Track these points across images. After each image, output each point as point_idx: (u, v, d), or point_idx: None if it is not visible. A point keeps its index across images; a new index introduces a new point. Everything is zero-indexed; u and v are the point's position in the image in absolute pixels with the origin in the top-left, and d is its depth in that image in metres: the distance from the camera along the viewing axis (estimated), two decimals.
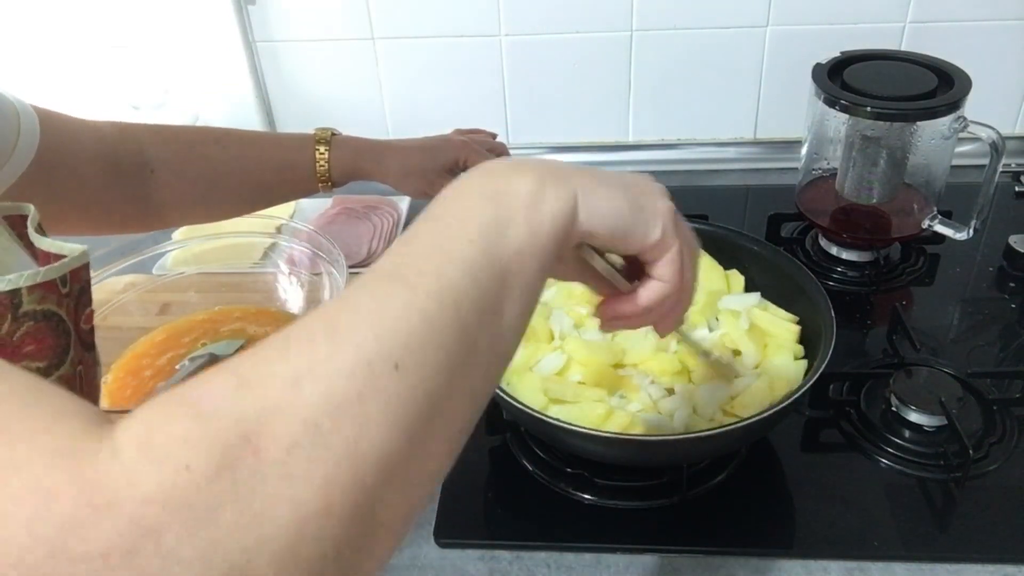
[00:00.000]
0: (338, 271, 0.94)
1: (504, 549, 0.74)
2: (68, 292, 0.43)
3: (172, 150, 0.81)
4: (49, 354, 0.42)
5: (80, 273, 0.44)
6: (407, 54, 1.27)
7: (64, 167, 0.71)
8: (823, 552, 0.72)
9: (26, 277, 0.40)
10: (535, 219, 0.41)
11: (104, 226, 0.81)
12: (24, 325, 0.40)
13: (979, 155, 0.99)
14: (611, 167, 1.30)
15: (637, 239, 0.47)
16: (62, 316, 0.42)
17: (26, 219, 0.47)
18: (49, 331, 0.42)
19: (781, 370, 0.79)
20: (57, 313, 0.42)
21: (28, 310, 0.40)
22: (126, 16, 1.26)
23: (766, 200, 1.21)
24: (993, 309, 1.01)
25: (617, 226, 0.46)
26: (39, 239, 0.46)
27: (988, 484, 0.76)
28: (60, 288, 0.42)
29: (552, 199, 0.42)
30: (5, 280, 0.39)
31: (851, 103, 0.95)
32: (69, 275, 0.43)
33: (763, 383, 0.77)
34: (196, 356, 0.88)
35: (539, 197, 0.42)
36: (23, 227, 0.48)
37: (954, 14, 1.17)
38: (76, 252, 0.43)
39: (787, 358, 0.81)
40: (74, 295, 0.43)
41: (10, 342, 0.40)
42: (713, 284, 0.88)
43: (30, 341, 0.41)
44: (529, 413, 0.71)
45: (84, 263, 0.44)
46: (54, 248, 0.44)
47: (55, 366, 0.42)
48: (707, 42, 1.22)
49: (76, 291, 0.44)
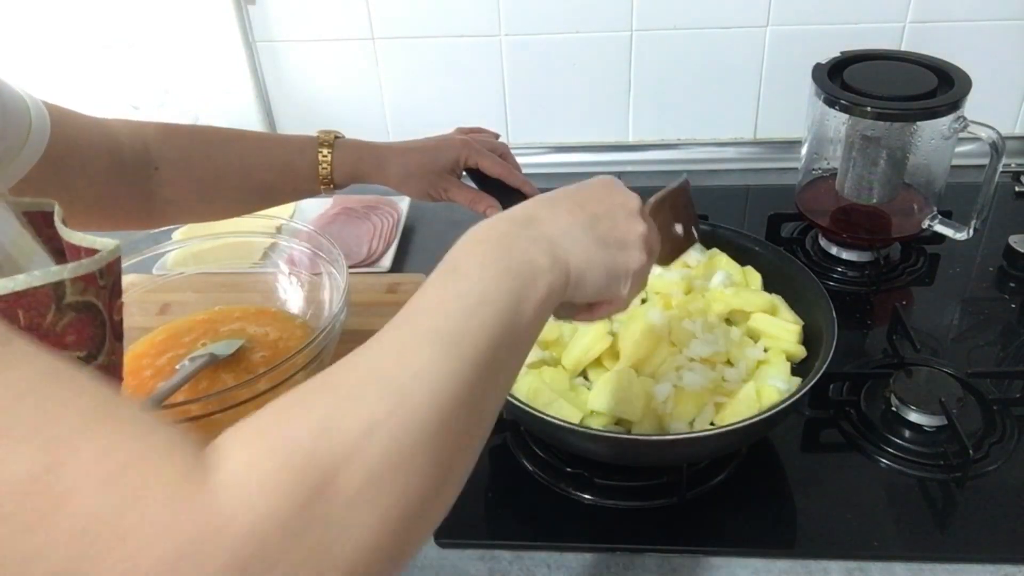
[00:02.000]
0: (338, 271, 0.94)
1: (504, 549, 0.74)
2: (104, 284, 0.44)
3: (177, 148, 0.81)
4: (89, 344, 0.43)
5: (114, 266, 0.46)
6: (407, 54, 1.27)
7: (72, 162, 0.72)
8: (823, 552, 0.72)
9: (70, 269, 0.41)
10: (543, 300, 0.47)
11: (107, 222, 0.81)
12: (67, 316, 0.41)
13: (979, 155, 0.99)
14: (611, 167, 1.30)
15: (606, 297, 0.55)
16: (99, 307, 0.44)
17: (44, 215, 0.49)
18: (89, 322, 0.43)
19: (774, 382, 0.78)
20: (95, 304, 0.43)
21: (71, 301, 0.41)
22: (127, 16, 1.26)
23: (766, 200, 1.21)
24: (993, 309, 1.01)
25: (593, 295, 0.53)
26: (69, 233, 0.47)
27: (988, 484, 0.76)
28: (98, 280, 0.44)
29: (556, 282, 0.49)
30: (51, 271, 0.40)
31: (851, 103, 0.95)
32: (105, 268, 0.44)
33: (749, 393, 0.77)
34: (196, 356, 0.88)
35: (548, 279, 0.48)
36: (40, 223, 0.49)
37: (954, 14, 1.17)
38: (111, 246, 0.45)
39: (782, 370, 0.80)
40: (108, 287, 0.45)
41: (53, 332, 0.41)
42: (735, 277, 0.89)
43: (72, 331, 0.42)
44: (529, 413, 0.71)
45: (117, 256, 0.46)
46: (85, 242, 0.46)
47: (93, 356, 0.43)
48: (707, 42, 1.22)
49: (111, 283, 0.45)
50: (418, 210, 1.21)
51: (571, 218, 0.52)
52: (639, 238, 0.55)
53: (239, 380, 0.82)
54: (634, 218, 0.55)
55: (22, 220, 0.48)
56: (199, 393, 0.83)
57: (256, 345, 0.94)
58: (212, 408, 0.77)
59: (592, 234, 0.52)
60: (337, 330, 0.88)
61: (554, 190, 0.55)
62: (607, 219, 0.54)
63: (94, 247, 0.45)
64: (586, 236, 0.52)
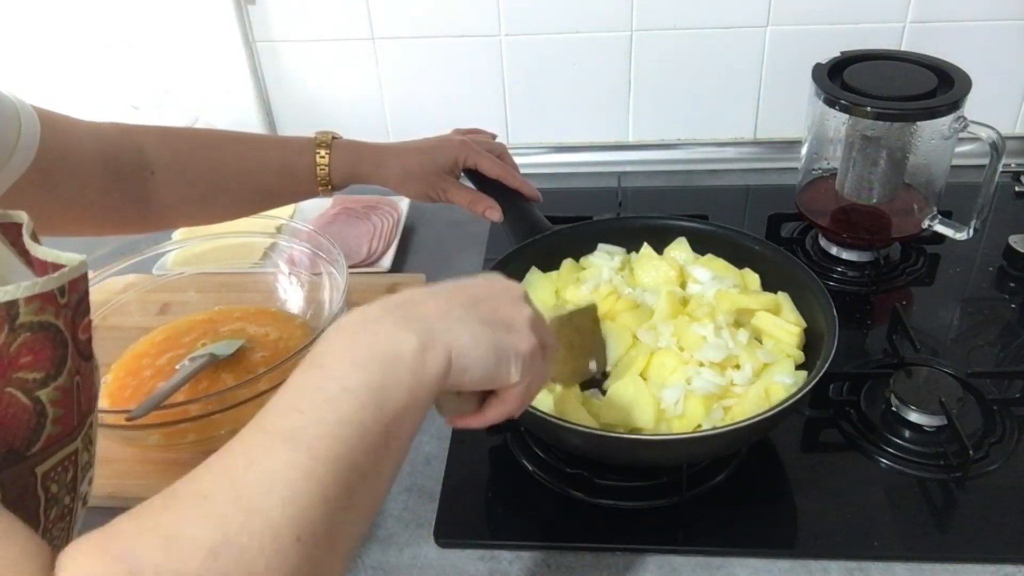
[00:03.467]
0: (338, 271, 0.94)
1: (504, 549, 0.74)
2: (66, 302, 0.42)
3: (172, 151, 0.81)
4: (47, 365, 0.41)
5: (78, 283, 0.43)
6: (407, 54, 1.27)
7: (64, 168, 0.71)
8: (823, 552, 0.72)
9: (23, 288, 0.39)
10: (417, 385, 0.44)
11: (104, 227, 0.81)
12: (20, 336, 0.40)
13: (979, 155, 0.99)
14: (611, 167, 1.30)
15: (499, 382, 0.50)
16: (60, 327, 0.42)
17: (20, 227, 0.46)
18: (47, 342, 0.41)
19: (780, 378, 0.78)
20: (55, 324, 0.41)
21: (25, 321, 0.40)
22: (126, 16, 1.26)
23: (766, 200, 1.21)
24: (993, 309, 1.01)
25: (484, 375, 0.49)
26: (35, 247, 0.44)
27: (988, 484, 0.76)
28: (58, 299, 0.41)
29: (432, 364, 0.45)
30: (2, 291, 0.39)
31: (851, 103, 0.95)
32: (67, 285, 0.42)
33: (759, 392, 0.77)
34: (196, 356, 0.88)
35: (420, 362, 0.45)
36: (17, 235, 0.46)
37: (954, 14, 1.17)
38: (75, 262, 0.43)
39: (787, 366, 0.80)
40: (72, 305, 0.43)
41: (6, 354, 0.39)
42: (735, 281, 0.89)
43: (27, 352, 0.40)
44: (529, 413, 0.71)
45: (83, 273, 0.44)
46: (51, 257, 0.43)
47: (52, 377, 0.41)
48: (707, 42, 1.22)
49: (74, 301, 0.43)
50: (418, 210, 1.21)
51: (449, 298, 0.49)
52: (526, 320, 0.51)
53: (239, 380, 0.82)
54: (519, 302, 0.52)
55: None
56: (199, 393, 0.83)
57: (256, 345, 0.94)
58: (212, 408, 0.77)
59: (474, 313, 0.49)
60: None
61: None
62: (490, 301, 0.51)
63: (59, 262, 0.43)
64: (468, 315, 0.49)
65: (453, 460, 0.83)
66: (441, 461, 0.83)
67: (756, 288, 0.89)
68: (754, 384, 0.77)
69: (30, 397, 0.40)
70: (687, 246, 0.93)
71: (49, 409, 0.41)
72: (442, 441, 0.85)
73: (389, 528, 0.77)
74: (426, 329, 0.46)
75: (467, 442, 0.84)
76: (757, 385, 0.77)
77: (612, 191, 1.22)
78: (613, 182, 1.24)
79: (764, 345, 0.83)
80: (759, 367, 0.80)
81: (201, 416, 0.77)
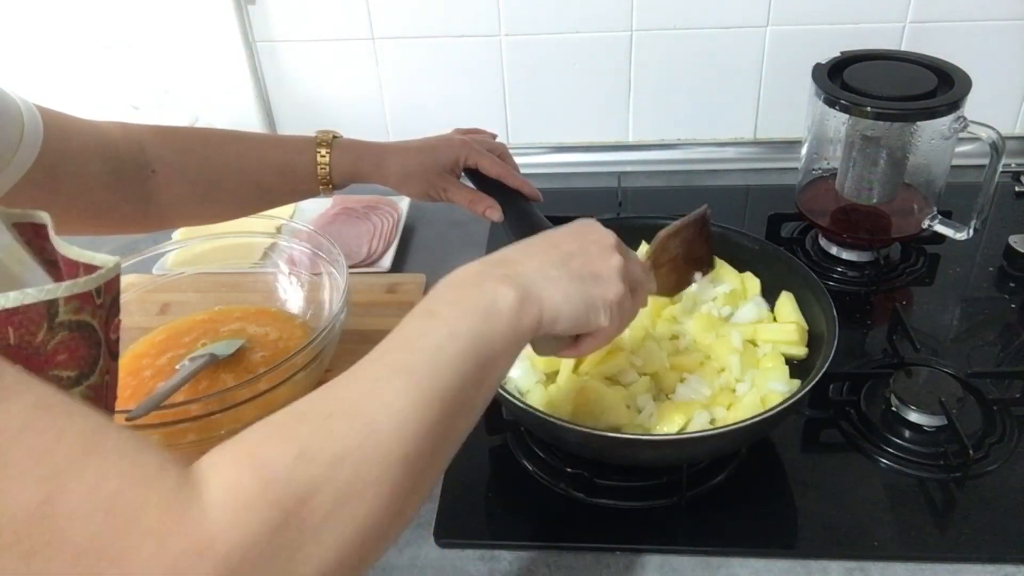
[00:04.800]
0: (338, 271, 0.94)
1: (504, 549, 0.74)
2: (102, 303, 0.43)
3: (173, 151, 0.81)
4: (81, 364, 0.42)
5: (113, 284, 0.45)
6: (407, 54, 1.27)
7: (67, 167, 0.71)
8: (823, 552, 0.72)
9: (64, 288, 0.40)
10: (513, 334, 0.51)
11: (105, 226, 0.81)
12: (59, 335, 0.41)
13: (979, 155, 0.99)
14: (611, 167, 1.30)
15: (588, 329, 0.58)
16: (95, 327, 0.43)
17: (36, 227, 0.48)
18: (82, 341, 0.42)
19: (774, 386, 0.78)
20: (91, 323, 0.43)
21: (63, 320, 0.41)
22: (126, 16, 1.26)
23: (766, 200, 1.21)
24: (993, 309, 1.01)
25: (574, 323, 0.55)
26: (66, 247, 0.45)
27: (988, 484, 0.76)
28: (95, 299, 0.43)
29: (528, 316, 0.52)
30: (44, 290, 0.40)
31: (851, 103, 0.95)
32: (103, 286, 0.43)
33: (754, 400, 0.77)
34: (196, 356, 0.88)
35: (518, 315, 0.51)
36: (31, 235, 0.47)
37: (954, 14, 1.17)
38: (111, 263, 0.44)
39: (781, 374, 0.80)
40: (107, 305, 0.44)
41: (44, 351, 0.40)
42: (733, 286, 0.89)
43: (63, 351, 0.41)
44: (529, 412, 0.71)
45: (117, 274, 0.45)
46: (84, 258, 0.44)
47: (85, 375, 0.43)
48: (707, 42, 1.22)
49: (108, 301, 0.44)
50: (418, 210, 1.21)
51: (544, 257, 0.56)
52: (614, 270, 0.57)
53: (239, 380, 0.82)
54: (608, 252, 0.58)
55: (12, 232, 0.47)
56: (199, 393, 0.83)
57: (256, 345, 0.94)
58: (212, 408, 0.77)
59: (565, 269, 0.55)
60: (337, 330, 0.88)
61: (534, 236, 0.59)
62: (580, 255, 0.57)
63: (93, 263, 0.44)
64: (559, 272, 0.55)
65: (453, 460, 0.82)
66: None
67: (756, 293, 0.89)
68: (749, 392, 0.78)
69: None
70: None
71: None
72: None
73: None
74: (523, 286, 0.52)
75: (467, 442, 0.84)
76: (752, 392, 0.77)
77: (612, 191, 1.22)
78: (613, 182, 1.25)
79: (759, 348, 0.83)
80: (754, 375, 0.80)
81: (201, 416, 0.77)
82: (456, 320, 0.49)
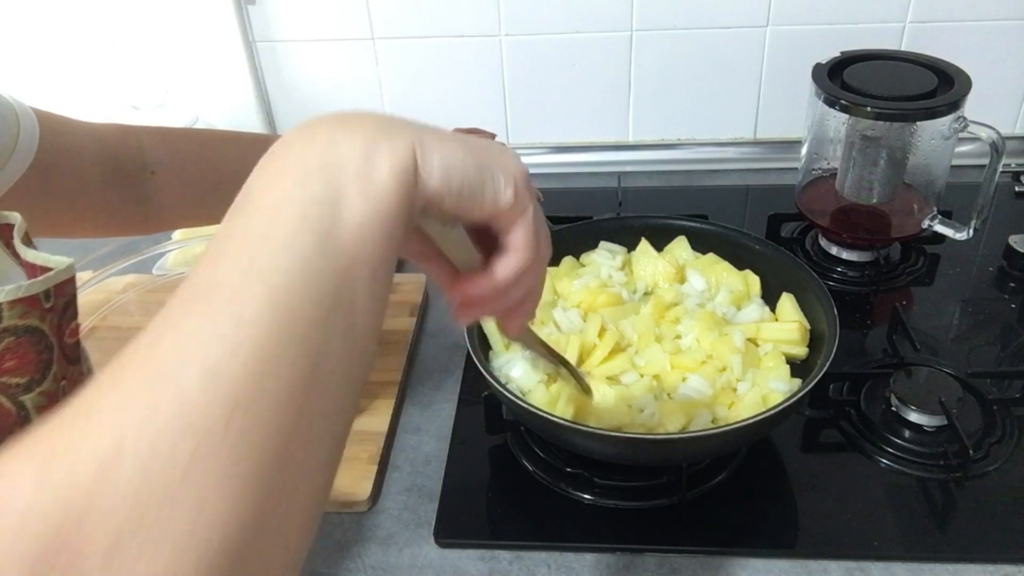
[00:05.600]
0: None
1: (504, 549, 0.74)
2: (52, 306, 0.41)
3: (172, 151, 0.81)
4: (31, 370, 0.40)
5: (65, 287, 0.42)
6: (407, 54, 1.27)
7: (63, 169, 0.71)
8: (823, 552, 0.72)
9: (6, 292, 0.39)
10: (372, 186, 0.34)
11: (104, 228, 0.81)
12: (4, 341, 0.39)
13: (979, 155, 0.99)
14: (611, 167, 1.30)
15: (488, 200, 0.39)
16: (45, 331, 0.41)
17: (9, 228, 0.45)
18: (31, 346, 0.40)
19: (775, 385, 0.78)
20: (40, 328, 0.40)
21: (8, 325, 0.39)
22: (126, 16, 1.26)
23: (766, 200, 1.21)
24: (993, 309, 1.01)
25: (464, 183, 0.38)
26: (24, 250, 0.44)
27: (988, 484, 0.76)
28: (43, 303, 0.41)
29: (388, 156, 0.35)
30: None
31: (851, 103, 0.95)
32: (53, 289, 0.41)
33: (755, 398, 0.77)
34: None
35: (372, 158, 0.34)
36: (11, 236, 0.46)
37: (954, 14, 1.17)
38: (62, 265, 0.41)
39: (782, 373, 0.79)
40: (58, 309, 0.42)
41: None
42: (735, 286, 0.89)
43: (10, 357, 0.39)
44: (530, 411, 0.71)
45: (70, 276, 0.42)
46: (39, 260, 0.42)
47: (36, 381, 0.41)
48: (707, 42, 1.22)
49: (61, 305, 0.42)
50: None
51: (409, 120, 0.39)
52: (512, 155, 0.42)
53: None
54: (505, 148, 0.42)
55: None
56: None
57: None
58: None
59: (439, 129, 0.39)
60: None
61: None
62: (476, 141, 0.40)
63: (48, 265, 0.42)
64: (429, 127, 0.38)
65: (453, 460, 0.83)
66: (441, 461, 0.83)
67: (756, 292, 0.89)
68: (750, 391, 0.78)
69: (14, 402, 0.39)
70: (687, 245, 0.93)
71: (34, 415, 0.40)
72: (442, 441, 0.85)
73: (389, 528, 0.77)
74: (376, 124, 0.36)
75: (467, 442, 0.84)
76: (754, 391, 0.77)
77: (612, 191, 1.22)
78: (613, 182, 1.24)
79: (760, 348, 0.83)
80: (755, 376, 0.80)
81: None
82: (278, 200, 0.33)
